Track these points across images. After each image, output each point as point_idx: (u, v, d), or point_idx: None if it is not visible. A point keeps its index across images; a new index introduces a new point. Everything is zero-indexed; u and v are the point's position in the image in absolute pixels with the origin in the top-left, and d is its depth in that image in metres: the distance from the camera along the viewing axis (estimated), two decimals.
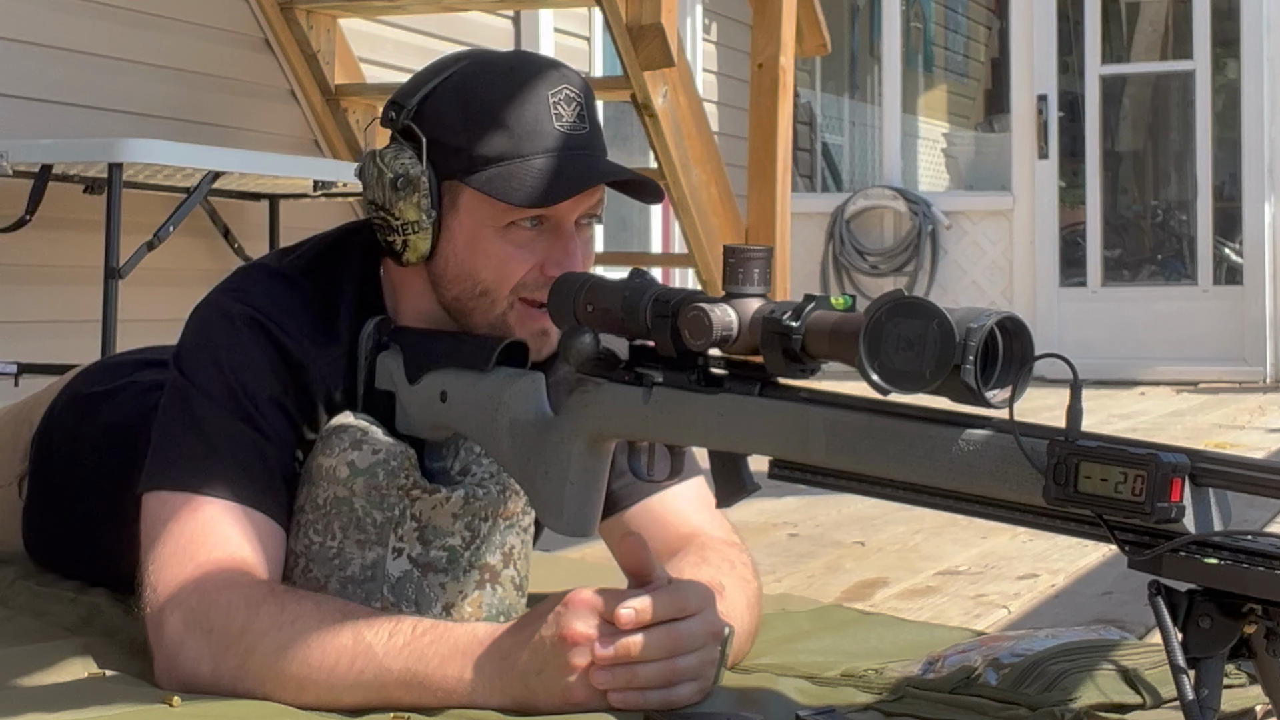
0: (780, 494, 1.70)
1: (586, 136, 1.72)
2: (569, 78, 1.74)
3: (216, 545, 1.63)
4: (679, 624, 1.51)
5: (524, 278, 1.72)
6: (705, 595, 1.54)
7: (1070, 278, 8.17)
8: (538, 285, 1.71)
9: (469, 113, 1.71)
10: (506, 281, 1.72)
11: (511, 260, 1.71)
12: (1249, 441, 4.76)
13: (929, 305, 1.30)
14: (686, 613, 1.51)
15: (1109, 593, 2.41)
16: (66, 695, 1.58)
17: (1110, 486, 1.23)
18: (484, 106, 1.71)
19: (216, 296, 1.78)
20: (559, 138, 1.70)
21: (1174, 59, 8.65)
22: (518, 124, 1.70)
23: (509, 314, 1.74)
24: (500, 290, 1.73)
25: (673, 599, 1.51)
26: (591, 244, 1.78)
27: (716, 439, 1.50)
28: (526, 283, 1.72)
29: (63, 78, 3.98)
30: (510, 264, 1.72)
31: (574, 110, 1.72)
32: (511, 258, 1.71)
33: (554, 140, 1.70)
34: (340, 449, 1.71)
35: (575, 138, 1.71)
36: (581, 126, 1.72)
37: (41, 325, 3.90)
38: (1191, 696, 1.25)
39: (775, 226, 4.79)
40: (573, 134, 1.71)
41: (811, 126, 9.34)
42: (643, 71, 4.22)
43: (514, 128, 1.70)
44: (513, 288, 1.72)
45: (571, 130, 1.71)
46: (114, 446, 1.99)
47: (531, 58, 1.78)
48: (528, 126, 1.70)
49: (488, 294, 1.73)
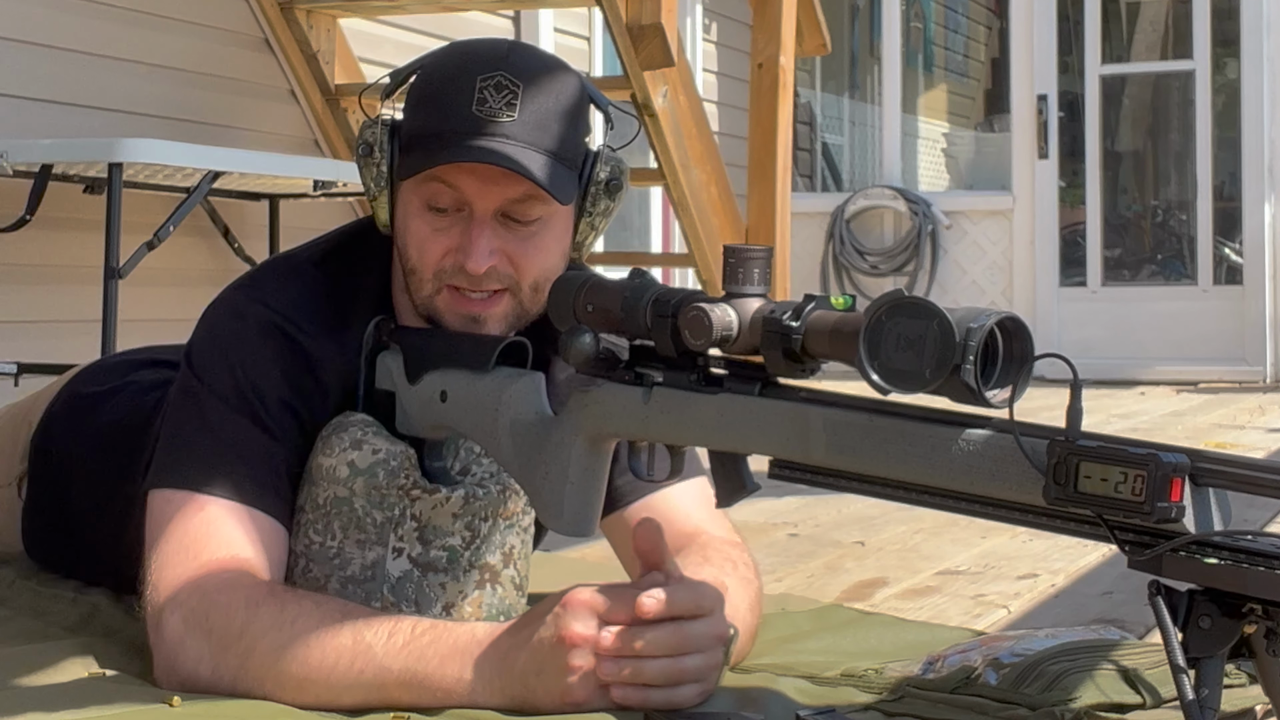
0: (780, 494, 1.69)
1: (506, 125, 1.69)
2: (514, 66, 1.72)
3: (219, 545, 1.63)
4: (689, 623, 1.51)
5: (441, 263, 1.72)
6: (716, 597, 1.54)
7: (1070, 278, 8.17)
8: (455, 272, 1.72)
9: (415, 95, 1.75)
10: (427, 264, 1.73)
11: (427, 242, 1.73)
12: (1249, 441, 4.76)
13: (929, 305, 1.30)
14: (700, 612, 1.51)
15: (1109, 593, 2.41)
16: (66, 695, 1.58)
17: (1110, 486, 1.23)
18: (424, 89, 1.74)
19: (230, 295, 1.79)
20: (470, 120, 1.69)
21: (1174, 59, 8.65)
22: (440, 103, 1.71)
23: (436, 298, 1.74)
24: (424, 272, 1.74)
25: (691, 595, 1.51)
26: (537, 244, 1.74)
27: (717, 439, 1.50)
28: (445, 268, 1.72)
29: (63, 78, 3.98)
30: (427, 245, 1.73)
31: (502, 98, 1.70)
32: (427, 239, 1.72)
33: (465, 122, 1.69)
34: (340, 449, 1.71)
35: (489, 124, 1.69)
36: (505, 114, 1.69)
37: (41, 325, 3.90)
38: (1191, 696, 1.25)
39: (775, 226, 4.79)
40: (488, 119, 1.69)
41: (811, 126, 9.34)
42: (643, 71, 4.21)
43: (437, 107, 1.71)
44: (435, 272, 1.73)
45: (489, 116, 1.69)
46: (112, 445, 1.99)
47: (487, 48, 1.76)
48: (447, 107, 1.70)
49: (415, 273, 1.75)
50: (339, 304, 1.77)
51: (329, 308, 1.76)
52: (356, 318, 1.77)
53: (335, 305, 1.77)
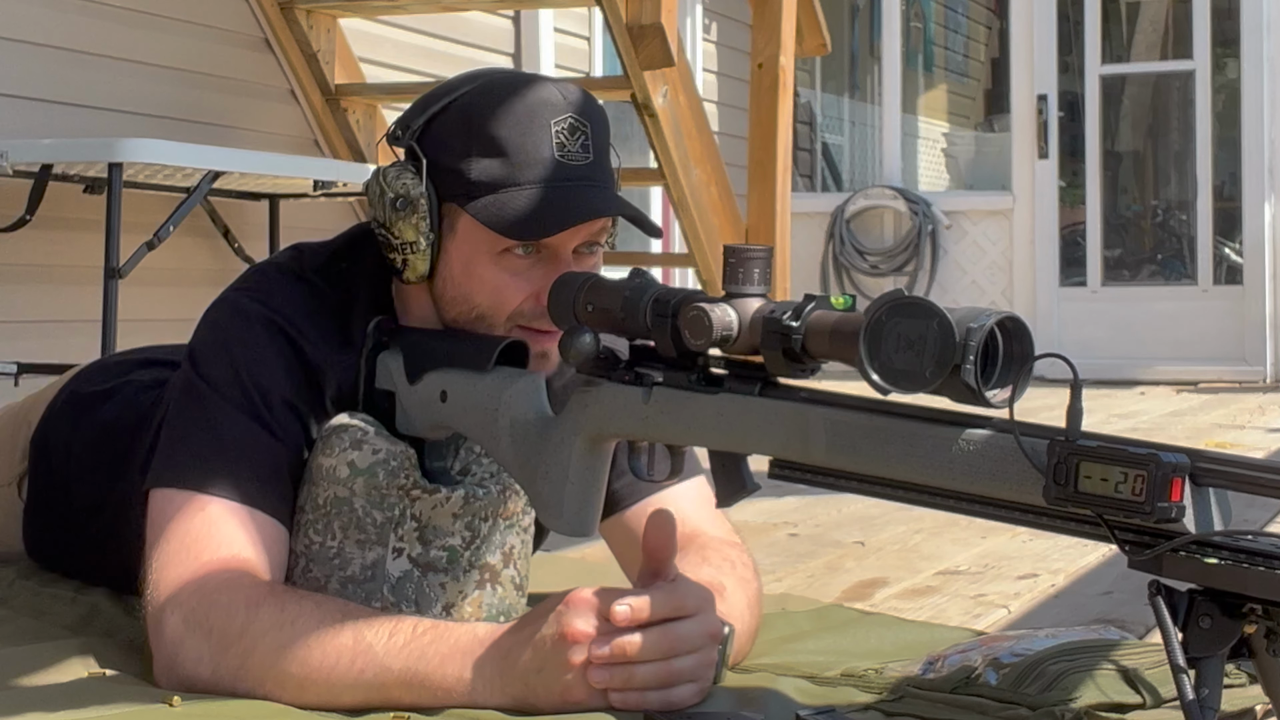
0: (780, 494, 1.69)
1: (587, 167, 1.70)
2: (577, 105, 1.71)
3: (219, 545, 1.63)
4: (676, 624, 1.50)
5: (520, 305, 1.71)
6: (704, 596, 1.54)
7: (1070, 277, 8.17)
8: (535, 314, 1.71)
9: (470, 137, 1.70)
10: (502, 308, 1.72)
11: (506, 288, 1.71)
12: (1249, 441, 4.76)
13: (929, 305, 1.30)
14: (684, 613, 1.51)
15: (1109, 593, 2.41)
16: (66, 695, 1.58)
17: (1110, 486, 1.23)
18: (484, 131, 1.69)
19: (232, 296, 1.78)
20: (556, 167, 1.68)
21: (1174, 59, 8.65)
22: (516, 151, 1.68)
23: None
24: (496, 317, 1.72)
25: (670, 599, 1.51)
26: (595, 265, 1.76)
27: (716, 439, 1.50)
28: (523, 311, 1.71)
29: (63, 78, 3.98)
30: (505, 291, 1.71)
31: (578, 140, 1.70)
32: (506, 285, 1.71)
33: (551, 170, 1.68)
34: (340, 449, 1.71)
35: (575, 168, 1.69)
36: (584, 156, 1.70)
37: (41, 325, 3.90)
38: (1191, 696, 1.25)
39: (775, 226, 4.79)
40: (572, 164, 1.69)
41: (811, 126, 9.34)
42: (643, 71, 4.21)
43: (512, 155, 1.69)
44: (509, 315, 1.72)
45: (571, 160, 1.69)
46: (109, 444, 1.99)
47: (541, 83, 1.75)
48: (526, 154, 1.68)
49: (484, 319, 1.73)
50: (340, 311, 1.76)
51: (330, 314, 1.76)
52: (356, 325, 1.76)
53: (337, 312, 1.76)
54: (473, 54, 5.57)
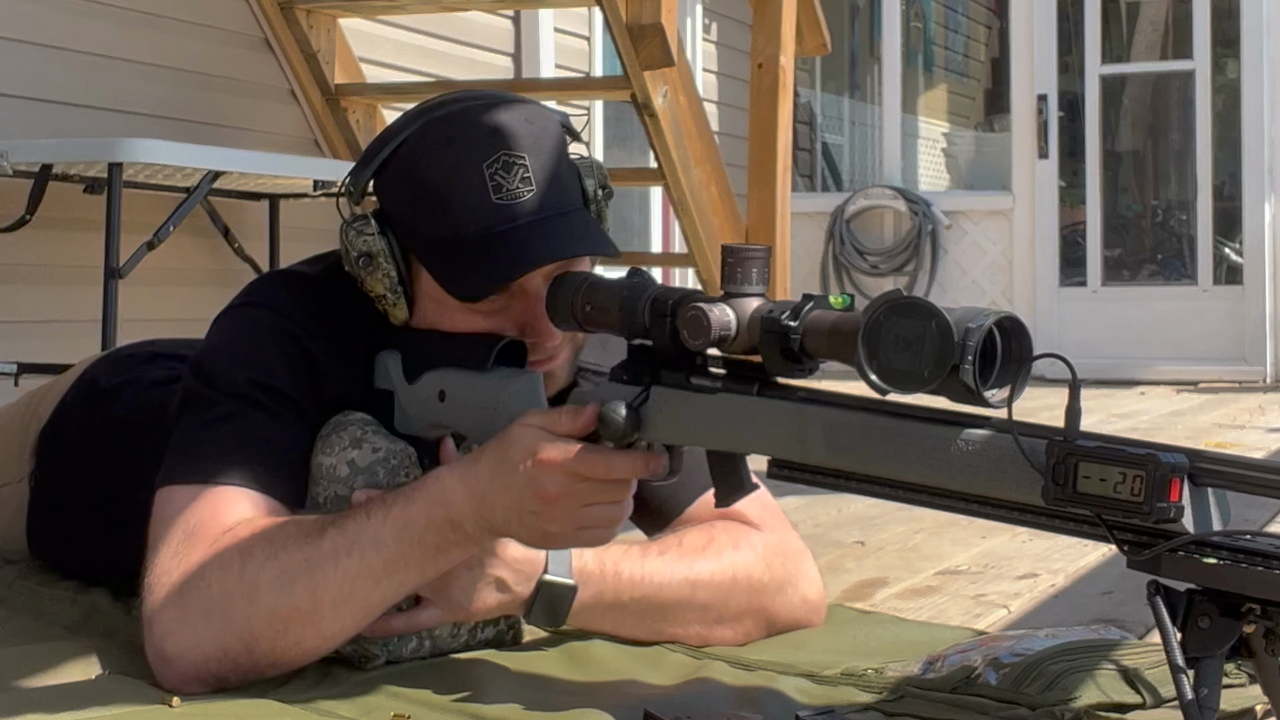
0: (780, 494, 1.69)
1: (532, 200, 1.66)
2: (509, 137, 1.67)
3: (225, 526, 1.62)
4: None
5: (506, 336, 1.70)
6: None
7: (1070, 277, 8.17)
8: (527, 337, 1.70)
9: (411, 191, 1.70)
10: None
11: (484, 329, 1.70)
12: (1249, 441, 4.76)
13: (927, 305, 1.30)
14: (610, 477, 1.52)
15: (1109, 593, 2.41)
16: (66, 695, 1.58)
17: (1109, 486, 1.23)
18: (424, 185, 1.68)
19: (242, 304, 1.78)
20: (497, 211, 1.66)
21: (1174, 59, 8.64)
22: (457, 200, 1.67)
23: None
24: None
25: None
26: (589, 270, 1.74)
27: (715, 439, 1.50)
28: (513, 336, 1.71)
29: (63, 78, 3.98)
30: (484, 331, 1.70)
31: (516, 176, 1.66)
32: (483, 327, 1.71)
33: (492, 216, 1.66)
34: (340, 447, 1.71)
35: (518, 207, 1.66)
36: (526, 191, 1.66)
37: (41, 325, 3.89)
38: (1191, 696, 1.25)
39: (775, 226, 4.78)
40: (516, 203, 1.66)
41: (811, 126, 9.34)
42: (643, 71, 4.21)
43: (453, 206, 1.67)
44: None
45: (513, 199, 1.66)
46: (117, 440, 1.99)
47: (474, 119, 1.70)
48: (466, 202, 1.66)
49: None
50: (347, 321, 1.76)
51: (339, 324, 1.76)
52: (360, 335, 1.76)
53: (344, 322, 1.76)
54: (473, 54, 5.57)
